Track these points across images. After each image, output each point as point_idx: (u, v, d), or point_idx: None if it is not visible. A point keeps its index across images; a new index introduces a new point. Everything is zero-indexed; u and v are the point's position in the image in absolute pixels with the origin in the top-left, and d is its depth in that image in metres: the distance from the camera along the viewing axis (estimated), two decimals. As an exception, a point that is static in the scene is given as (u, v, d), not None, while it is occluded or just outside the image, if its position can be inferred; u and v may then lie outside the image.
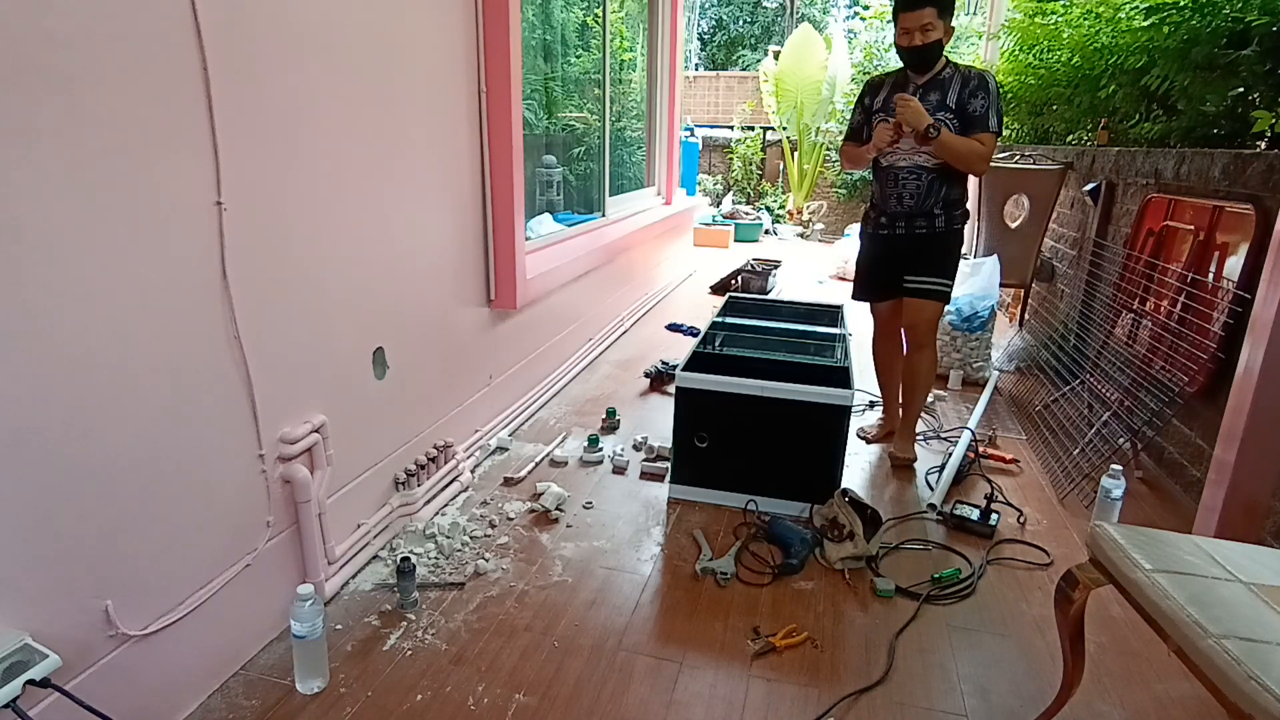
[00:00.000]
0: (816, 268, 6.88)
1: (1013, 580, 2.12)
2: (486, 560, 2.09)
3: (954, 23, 2.45)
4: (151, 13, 1.32)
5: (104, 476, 1.32)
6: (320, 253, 1.82)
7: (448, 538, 2.16)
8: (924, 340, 2.70)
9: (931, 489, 2.61)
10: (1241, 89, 2.82)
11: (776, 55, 9.47)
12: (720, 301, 3.60)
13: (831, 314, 3.35)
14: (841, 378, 2.43)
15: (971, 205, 3.09)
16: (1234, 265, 2.43)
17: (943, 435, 3.06)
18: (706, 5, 17.45)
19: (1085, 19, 3.83)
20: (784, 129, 9.43)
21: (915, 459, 2.83)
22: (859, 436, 3.03)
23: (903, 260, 2.67)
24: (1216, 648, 1.11)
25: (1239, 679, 1.06)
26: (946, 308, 2.77)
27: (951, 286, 2.67)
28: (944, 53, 2.48)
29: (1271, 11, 2.61)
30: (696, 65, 16.46)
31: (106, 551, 1.33)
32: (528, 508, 2.39)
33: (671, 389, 2.69)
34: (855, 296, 2.91)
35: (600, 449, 2.78)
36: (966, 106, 2.44)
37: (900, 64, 2.59)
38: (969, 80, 2.45)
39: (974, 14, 7.26)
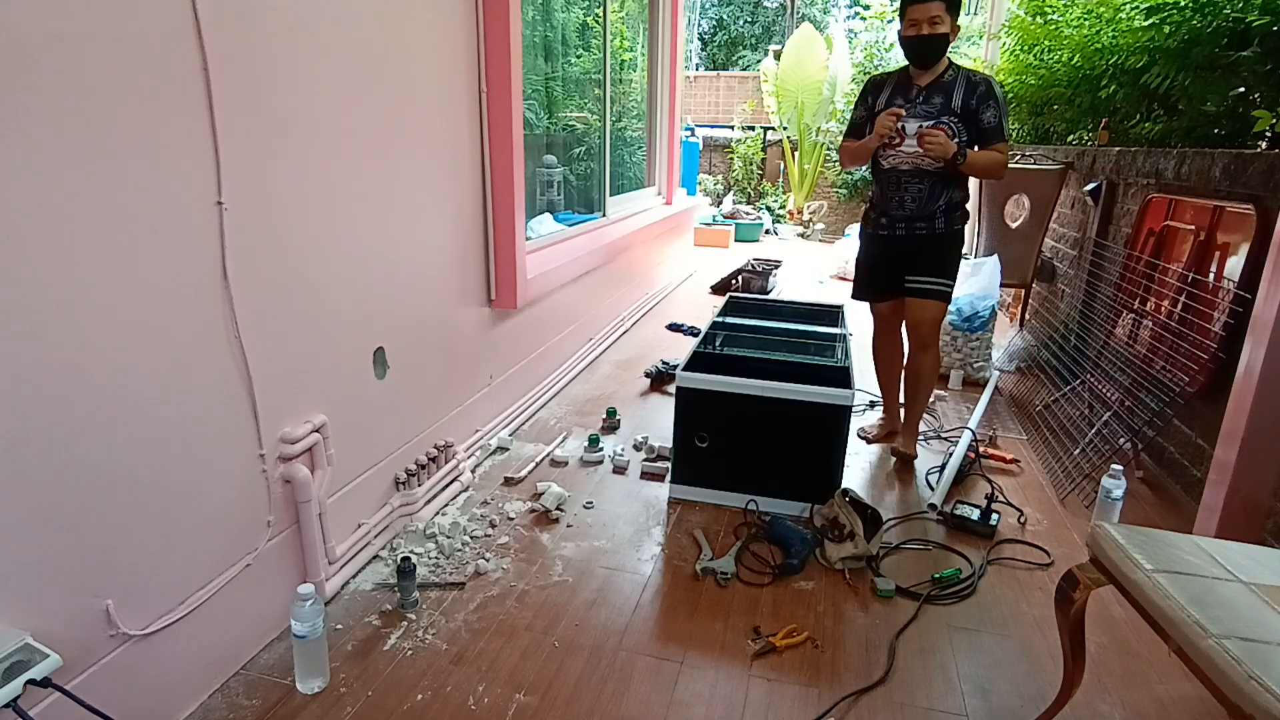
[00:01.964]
0: (817, 268, 6.87)
1: (1013, 580, 2.12)
2: (487, 560, 2.09)
3: (957, 22, 2.44)
4: (152, 13, 1.32)
5: (104, 476, 1.32)
6: (320, 252, 1.82)
7: (448, 537, 2.16)
8: (927, 341, 2.70)
9: (932, 489, 2.60)
10: (1242, 89, 2.82)
11: (777, 55, 9.47)
12: (720, 301, 3.60)
13: (832, 314, 3.35)
14: (842, 378, 2.43)
15: (972, 205, 3.09)
16: (1234, 265, 2.43)
17: (943, 435, 3.06)
18: (707, 5, 17.44)
19: (1086, 19, 3.83)
20: (784, 129, 9.43)
21: (916, 455, 2.84)
22: (860, 437, 3.03)
23: (903, 260, 2.67)
24: (1217, 648, 1.11)
25: (1239, 679, 1.06)
26: (948, 307, 2.76)
27: (953, 286, 2.67)
28: (947, 53, 2.47)
29: (1272, 11, 2.61)
30: (697, 65, 16.46)
31: (106, 551, 1.33)
32: (528, 507, 2.39)
33: (672, 389, 2.70)
34: (855, 296, 2.90)
35: (600, 449, 2.78)
36: (978, 117, 2.43)
37: (901, 65, 2.58)
38: (975, 86, 2.43)
39: (974, 14, 7.25)
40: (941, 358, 3.62)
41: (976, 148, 2.50)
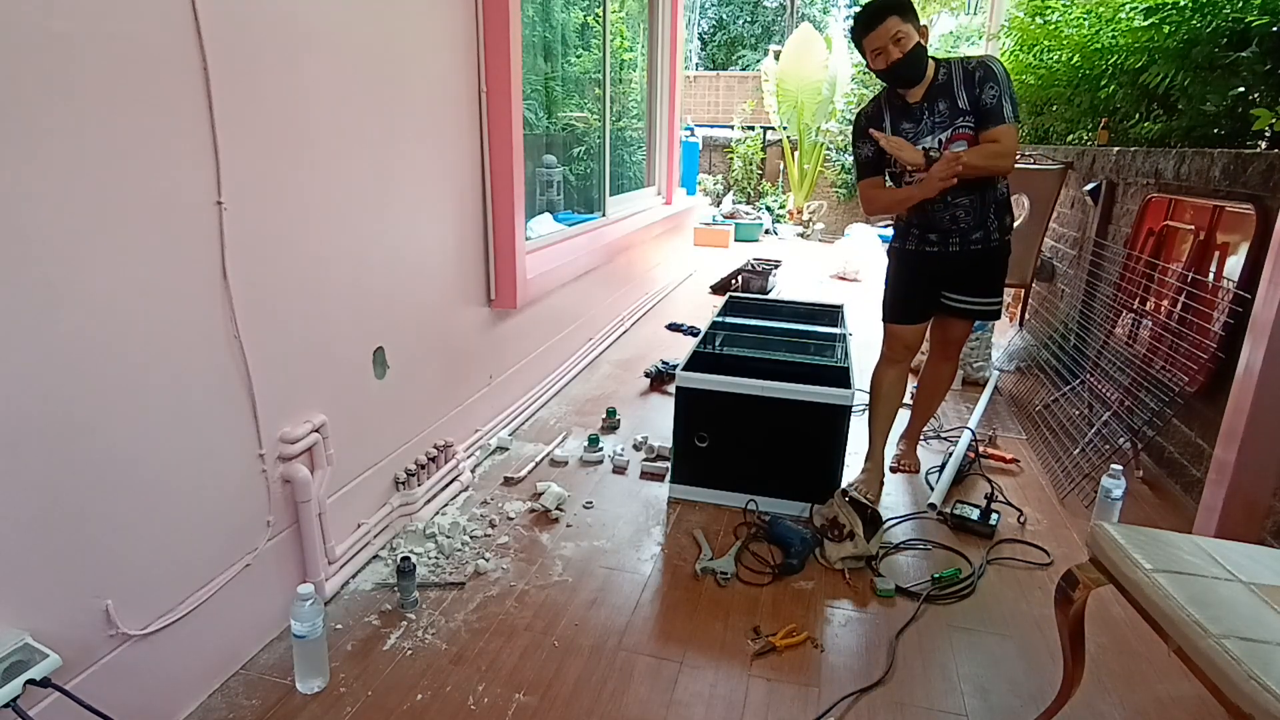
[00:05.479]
0: (817, 267, 6.88)
1: (1013, 580, 2.12)
2: (487, 560, 2.09)
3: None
4: (152, 13, 1.32)
5: (104, 476, 1.32)
6: (320, 252, 1.82)
7: (448, 537, 2.16)
8: (955, 353, 2.65)
9: (931, 489, 2.60)
10: (1242, 89, 2.82)
11: (777, 55, 9.47)
12: (720, 301, 3.60)
13: (832, 314, 3.35)
14: (842, 378, 2.43)
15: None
16: (1234, 265, 2.43)
17: (943, 435, 3.06)
18: (707, 5, 17.45)
19: (1085, 19, 3.83)
20: (784, 129, 9.44)
21: (919, 470, 2.78)
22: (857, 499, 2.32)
23: (951, 277, 2.41)
24: (1216, 647, 1.11)
25: (1239, 679, 1.06)
26: None
27: (1003, 302, 2.46)
28: (928, 56, 2.18)
29: (1271, 11, 2.61)
30: (697, 65, 16.47)
31: (106, 551, 1.33)
32: (528, 507, 2.39)
33: (672, 389, 2.69)
34: (892, 320, 2.51)
35: (600, 449, 2.78)
36: (980, 102, 2.15)
37: (883, 87, 2.31)
38: (972, 74, 2.16)
39: (974, 14, 7.25)
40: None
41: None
